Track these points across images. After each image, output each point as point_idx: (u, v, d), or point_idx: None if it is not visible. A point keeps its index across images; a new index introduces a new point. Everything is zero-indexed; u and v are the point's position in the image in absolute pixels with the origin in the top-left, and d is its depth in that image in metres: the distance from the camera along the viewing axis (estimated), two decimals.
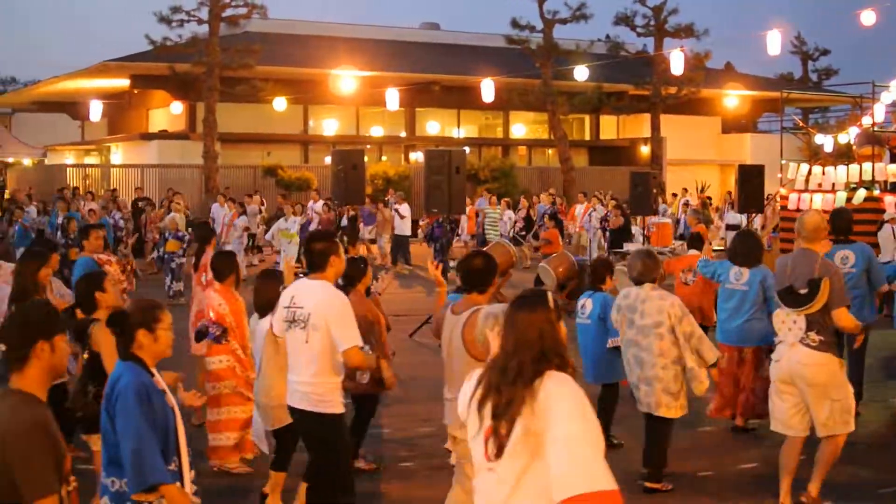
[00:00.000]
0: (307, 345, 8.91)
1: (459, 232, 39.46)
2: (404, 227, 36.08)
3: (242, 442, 12.09)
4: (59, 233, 31.63)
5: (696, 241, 19.68)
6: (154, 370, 6.86)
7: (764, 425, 12.65)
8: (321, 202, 37.78)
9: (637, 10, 54.40)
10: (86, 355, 8.91)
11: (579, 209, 38.32)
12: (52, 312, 5.77)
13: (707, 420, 14.13)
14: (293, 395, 9.20)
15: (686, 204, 43.90)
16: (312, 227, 36.50)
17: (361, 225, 36.97)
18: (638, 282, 11.46)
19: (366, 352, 8.97)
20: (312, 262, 9.17)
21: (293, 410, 9.30)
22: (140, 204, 40.01)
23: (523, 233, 36.52)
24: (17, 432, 5.25)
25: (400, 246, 36.13)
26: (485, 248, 13.50)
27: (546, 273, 22.27)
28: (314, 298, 8.94)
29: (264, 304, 10.89)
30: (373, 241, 37.98)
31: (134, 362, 6.81)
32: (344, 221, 34.44)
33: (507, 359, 5.57)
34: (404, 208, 36.52)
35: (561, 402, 5.31)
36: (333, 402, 9.06)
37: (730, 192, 44.17)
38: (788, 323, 10.64)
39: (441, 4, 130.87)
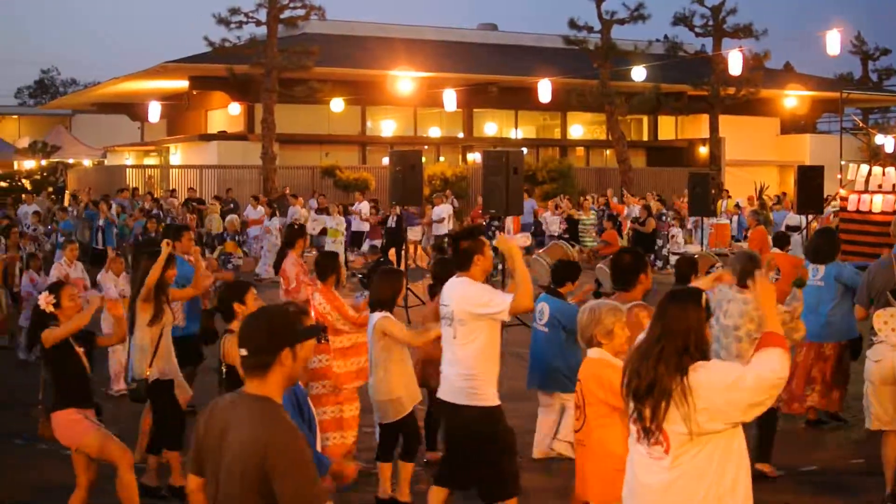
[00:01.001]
0: (455, 340, 9.18)
1: (506, 233, 39.20)
2: (442, 229, 35.71)
3: (338, 443, 12.13)
4: (111, 233, 32.08)
5: (781, 240, 19.52)
6: None
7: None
8: (366, 203, 37.81)
9: (695, 10, 54.12)
10: (224, 368, 8.98)
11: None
12: (295, 319, 5.62)
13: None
14: (445, 390, 9.41)
15: (738, 206, 43.64)
16: (357, 227, 36.68)
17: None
18: (739, 282, 11.42)
19: None
20: (459, 259, 9.38)
21: (444, 404, 9.49)
22: (193, 204, 40.23)
23: (566, 235, 36.26)
24: (287, 440, 5.21)
25: (438, 249, 35.75)
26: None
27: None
28: (456, 295, 9.18)
29: (381, 300, 11.03)
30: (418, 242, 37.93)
31: None
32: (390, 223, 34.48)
33: (651, 346, 6.02)
34: (443, 209, 36.29)
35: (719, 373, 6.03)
36: (488, 395, 9.26)
37: (784, 193, 43.91)
38: (892, 323, 10.59)
39: (499, 5, 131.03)
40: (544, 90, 43.07)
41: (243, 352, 5.43)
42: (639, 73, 44.69)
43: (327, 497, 5.33)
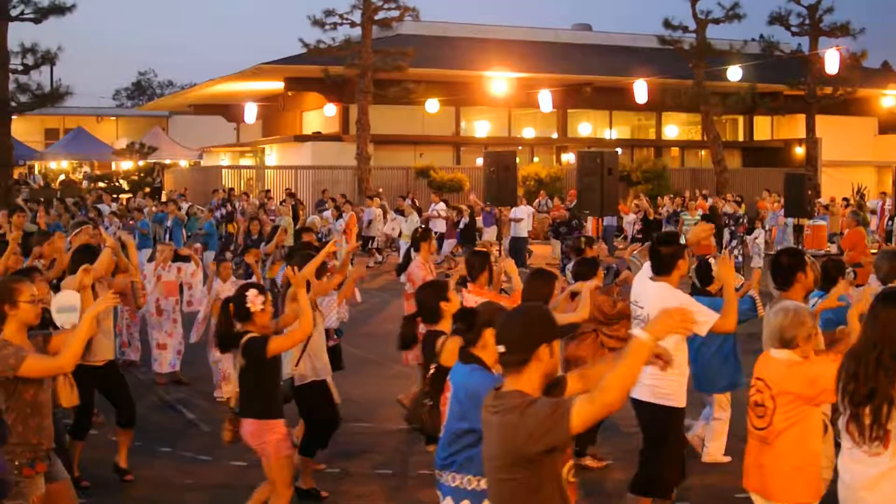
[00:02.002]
0: None
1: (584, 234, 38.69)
2: (520, 230, 35.61)
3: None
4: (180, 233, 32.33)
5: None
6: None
7: None
8: (441, 203, 37.76)
9: (791, 9, 53.50)
10: (433, 368, 8.99)
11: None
12: (551, 317, 5.87)
13: None
14: (638, 387, 9.37)
15: (826, 207, 43.15)
16: (435, 228, 36.55)
17: (482, 226, 36.84)
18: (885, 282, 11.29)
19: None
20: (658, 264, 9.45)
21: (634, 401, 9.56)
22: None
23: (640, 235, 35.82)
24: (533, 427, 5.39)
25: (515, 249, 35.34)
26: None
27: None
28: (658, 301, 9.06)
29: (423, 310, 11.01)
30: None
31: (477, 364, 7.04)
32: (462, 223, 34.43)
33: (867, 350, 6.06)
34: (521, 210, 36.13)
35: None
36: (675, 397, 9.43)
37: (883, 193, 43.32)
38: None
39: (593, 5, 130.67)
40: (639, 90, 42.90)
41: (501, 348, 5.66)
42: (734, 73, 44.38)
43: None
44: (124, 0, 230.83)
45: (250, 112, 54.29)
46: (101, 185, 51.83)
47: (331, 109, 51.67)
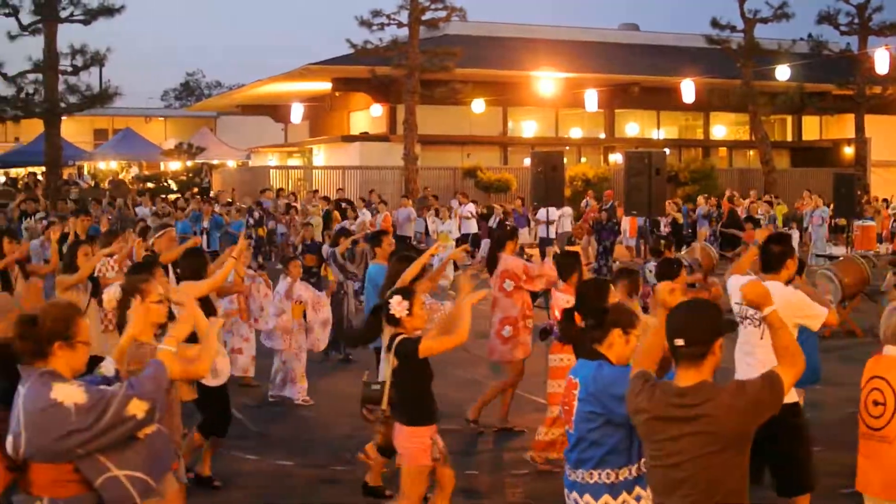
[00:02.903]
0: (762, 341, 9.12)
1: (622, 234, 38.17)
2: (548, 231, 35.23)
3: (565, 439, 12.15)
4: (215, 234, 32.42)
5: None
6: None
7: None
8: (471, 204, 37.69)
9: (840, 7, 53.13)
10: None
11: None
12: (721, 312, 6.11)
13: None
14: None
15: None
16: (465, 229, 36.49)
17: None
18: None
19: None
20: (768, 262, 9.51)
21: None
22: (343, 205, 40.52)
23: (671, 238, 35.38)
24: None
25: (543, 250, 35.03)
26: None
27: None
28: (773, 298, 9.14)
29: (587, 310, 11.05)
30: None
31: (604, 360, 7.16)
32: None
33: None
34: (549, 211, 36.02)
35: None
36: (793, 392, 9.39)
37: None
38: None
39: (640, 5, 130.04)
40: (687, 90, 42.76)
41: (679, 342, 5.85)
42: (782, 73, 44.17)
43: None
44: (172, 1, 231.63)
45: (298, 112, 54.43)
46: (149, 185, 52.03)
47: (378, 110, 51.77)
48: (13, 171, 64.77)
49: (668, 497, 5.93)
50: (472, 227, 37.14)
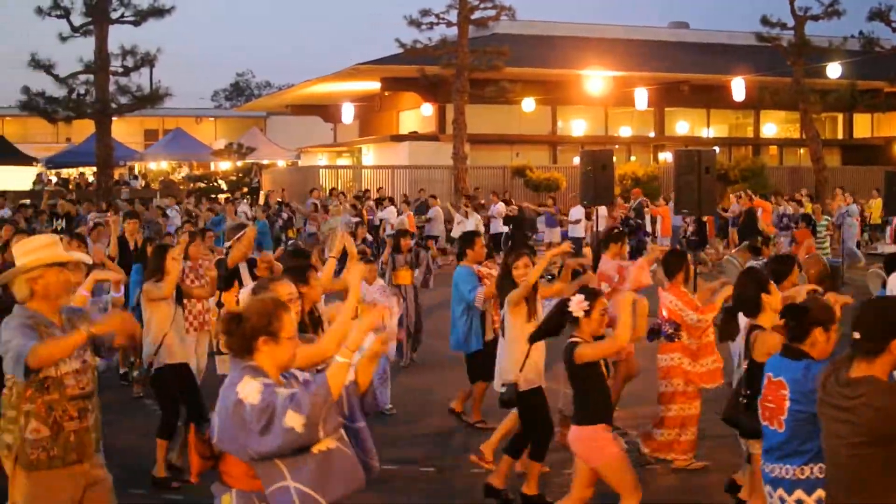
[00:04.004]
0: None
1: (654, 234, 37.73)
2: (577, 230, 34.97)
3: (681, 439, 12.18)
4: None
5: None
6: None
7: None
8: (500, 204, 37.58)
9: (892, 4, 52.58)
10: (745, 363, 9.00)
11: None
12: None
13: None
14: None
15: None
16: (495, 229, 36.39)
17: (545, 227, 36.54)
18: None
19: None
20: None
21: None
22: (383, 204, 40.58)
23: (694, 237, 34.90)
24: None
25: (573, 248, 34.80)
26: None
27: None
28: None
29: (737, 302, 11.03)
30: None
31: (808, 359, 7.20)
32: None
33: None
34: (577, 211, 35.80)
35: None
36: None
37: None
38: None
39: (690, 3, 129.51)
40: (737, 88, 42.59)
41: (856, 335, 5.96)
42: (834, 70, 43.92)
43: None
44: (222, 2, 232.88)
45: (347, 112, 54.55)
46: (200, 185, 52.23)
47: (427, 109, 51.83)
48: (65, 172, 65.21)
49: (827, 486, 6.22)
50: (501, 227, 37.09)
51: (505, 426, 11.93)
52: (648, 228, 36.70)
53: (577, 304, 9.21)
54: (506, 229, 36.93)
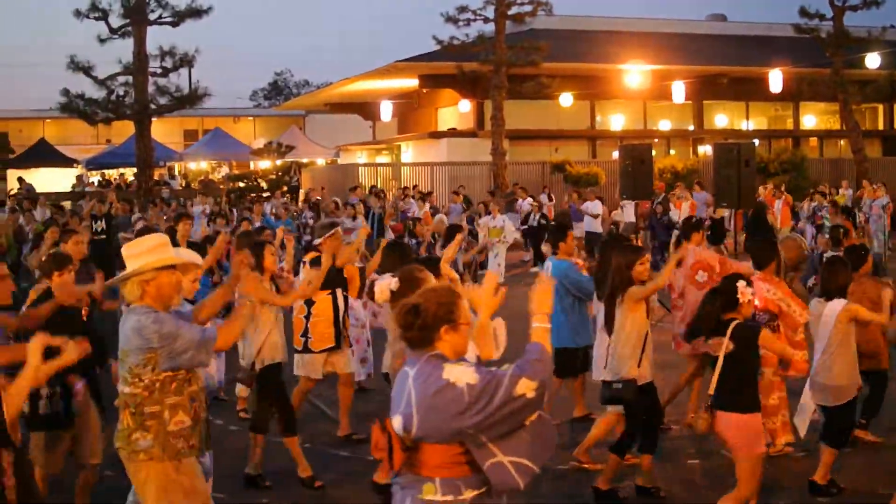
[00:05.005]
0: None
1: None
2: (595, 224, 34.66)
3: (777, 427, 12.25)
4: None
5: None
6: None
7: None
8: (528, 199, 37.49)
9: None
10: None
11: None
12: None
13: None
14: None
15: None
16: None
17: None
18: None
19: None
20: None
21: None
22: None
23: (709, 232, 34.48)
24: None
25: (590, 244, 34.71)
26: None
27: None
28: None
29: (832, 289, 11.11)
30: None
31: None
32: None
33: None
34: (596, 205, 35.61)
35: None
36: None
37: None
38: None
39: None
40: (775, 80, 42.42)
41: None
42: (873, 61, 43.68)
43: None
44: (260, 1, 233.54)
45: (386, 110, 54.64)
46: (240, 184, 52.44)
47: (465, 105, 51.83)
48: (107, 173, 65.60)
49: None
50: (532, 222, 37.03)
51: (603, 427, 11.99)
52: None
53: (743, 290, 9.41)
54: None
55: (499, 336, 6.92)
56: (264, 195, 46.27)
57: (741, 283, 9.42)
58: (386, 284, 8.66)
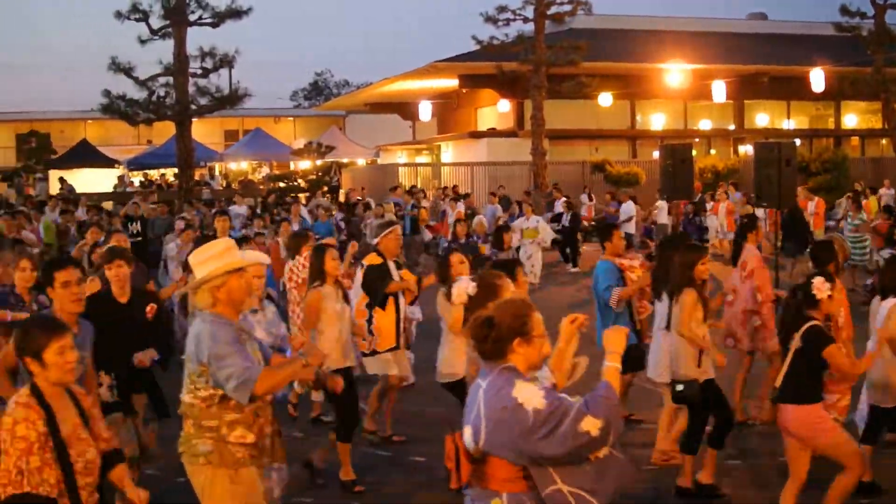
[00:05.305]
0: None
1: (707, 227, 37.14)
2: (628, 226, 34.66)
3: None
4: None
5: None
6: None
7: None
8: (561, 199, 37.42)
9: None
10: None
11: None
12: None
13: None
14: None
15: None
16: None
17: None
18: None
19: None
20: None
21: None
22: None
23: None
24: None
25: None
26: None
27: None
28: None
29: (888, 287, 11.13)
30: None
31: None
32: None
33: None
34: (627, 206, 35.47)
35: None
36: None
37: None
38: None
39: None
40: (817, 79, 42.19)
41: None
42: None
43: None
44: (299, 2, 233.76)
45: (425, 110, 54.69)
46: (280, 184, 52.53)
47: (505, 105, 51.87)
48: (149, 173, 65.85)
49: None
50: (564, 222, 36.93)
51: (676, 425, 12.02)
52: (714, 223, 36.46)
53: (819, 287, 9.42)
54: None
55: (577, 372, 6.90)
56: (302, 195, 46.37)
57: (818, 280, 9.45)
58: (464, 288, 8.68)
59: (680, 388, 10.99)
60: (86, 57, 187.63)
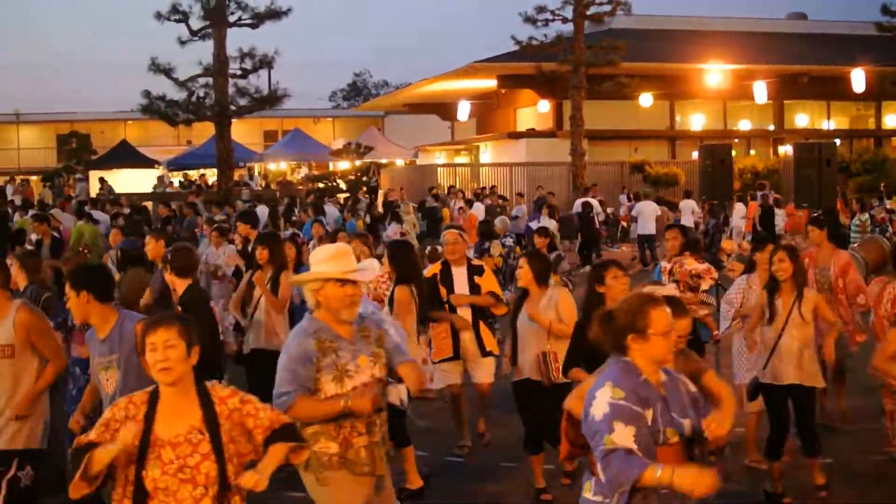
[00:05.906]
0: None
1: (730, 227, 36.72)
2: (647, 226, 34.48)
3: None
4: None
5: None
6: None
7: None
8: (588, 200, 37.33)
9: None
10: None
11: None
12: None
13: None
14: None
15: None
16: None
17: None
18: None
19: None
20: None
21: None
22: (501, 201, 40.53)
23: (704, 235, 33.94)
24: None
25: (641, 246, 34.63)
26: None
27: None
28: None
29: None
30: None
31: None
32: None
33: None
34: (646, 206, 35.32)
35: None
36: None
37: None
38: None
39: None
40: (857, 79, 42.01)
41: None
42: None
43: None
44: (338, 2, 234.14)
45: (464, 110, 54.67)
46: (319, 185, 52.64)
47: (544, 106, 51.80)
48: (189, 174, 66.04)
49: None
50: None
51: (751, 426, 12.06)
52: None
53: None
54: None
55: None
56: (341, 196, 46.47)
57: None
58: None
59: (749, 388, 11.02)
60: (126, 57, 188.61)
